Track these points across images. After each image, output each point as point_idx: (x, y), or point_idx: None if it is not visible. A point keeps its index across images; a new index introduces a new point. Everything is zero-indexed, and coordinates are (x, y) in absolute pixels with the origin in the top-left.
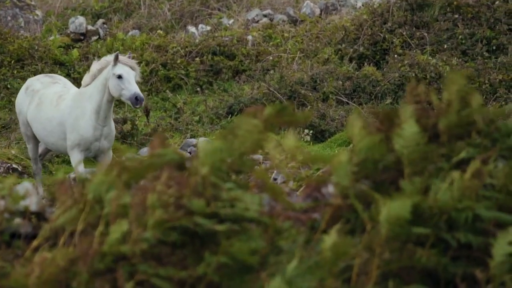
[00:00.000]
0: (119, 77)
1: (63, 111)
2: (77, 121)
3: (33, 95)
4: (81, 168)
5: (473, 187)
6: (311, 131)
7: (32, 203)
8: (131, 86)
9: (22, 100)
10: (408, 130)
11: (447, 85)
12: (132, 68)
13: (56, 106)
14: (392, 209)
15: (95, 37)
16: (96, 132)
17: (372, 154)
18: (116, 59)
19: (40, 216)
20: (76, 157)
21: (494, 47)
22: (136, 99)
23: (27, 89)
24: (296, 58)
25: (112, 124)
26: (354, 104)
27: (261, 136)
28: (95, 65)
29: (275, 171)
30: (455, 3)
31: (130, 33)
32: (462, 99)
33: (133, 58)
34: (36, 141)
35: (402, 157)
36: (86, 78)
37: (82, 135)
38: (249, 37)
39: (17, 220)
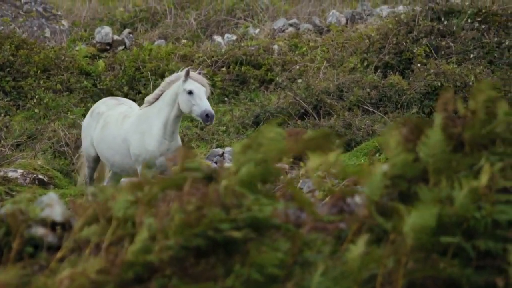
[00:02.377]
0: (190, 92)
1: (128, 129)
2: (143, 135)
3: (99, 118)
4: None
5: (489, 193)
6: (337, 141)
7: (56, 213)
8: (202, 103)
9: (88, 124)
10: (433, 138)
11: (473, 94)
12: (202, 85)
13: (121, 124)
14: (417, 218)
15: (121, 47)
16: (161, 147)
17: (406, 171)
18: (187, 75)
19: (65, 226)
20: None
21: None
22: (206, 116)
23: (92, 112)
24: (322, 67)
25: (179, 139)
26: (380, 113)
27: (285, 144)
28: (165, 80)
29: (301, 180)
30: (483, 11)
31: (156, 43)
32: (488, 109)
33: (203, 74)
34: (95, 165)
35: (427, 165)
36: (149, 97)
37: (148, 149)
38: (275, 47)
39: (42, 231)
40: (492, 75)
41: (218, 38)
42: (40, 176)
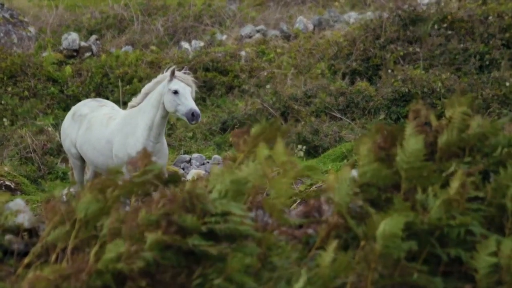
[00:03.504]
0: (175, 92)
1: (113, 130)
2: (126, 138)
3: (81, 120)
4: None
5: (459, 201)
6: (304, 147)
7: (24, 220)
8: (188, 102)
9: (69, 126)
10: (412, 146)
11: (450, 105)
12: (188, 84)
13: (106, 126)
14: (386, 226)
15: (88, 53)
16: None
17: (377, 180)
18: (172, 74)
19: (33, 232)
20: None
21: (487, 62)
22: (192, 115)
23: (74, 115)
24: (290, 73)
25: (165, 141)
26: (347, 120)
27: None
28: (151, 81)
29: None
30: (449, 17)
31: (123, 49)
32: (463, 120)
33: (188, 74)
34: (82, 166)
35: (400, 171)
36: (136, 98)
37: (130, 153)
38: (242, 53)
39: (9, 237)
40: (459, 81)
41: (185, 45)
42: (7, 183)
